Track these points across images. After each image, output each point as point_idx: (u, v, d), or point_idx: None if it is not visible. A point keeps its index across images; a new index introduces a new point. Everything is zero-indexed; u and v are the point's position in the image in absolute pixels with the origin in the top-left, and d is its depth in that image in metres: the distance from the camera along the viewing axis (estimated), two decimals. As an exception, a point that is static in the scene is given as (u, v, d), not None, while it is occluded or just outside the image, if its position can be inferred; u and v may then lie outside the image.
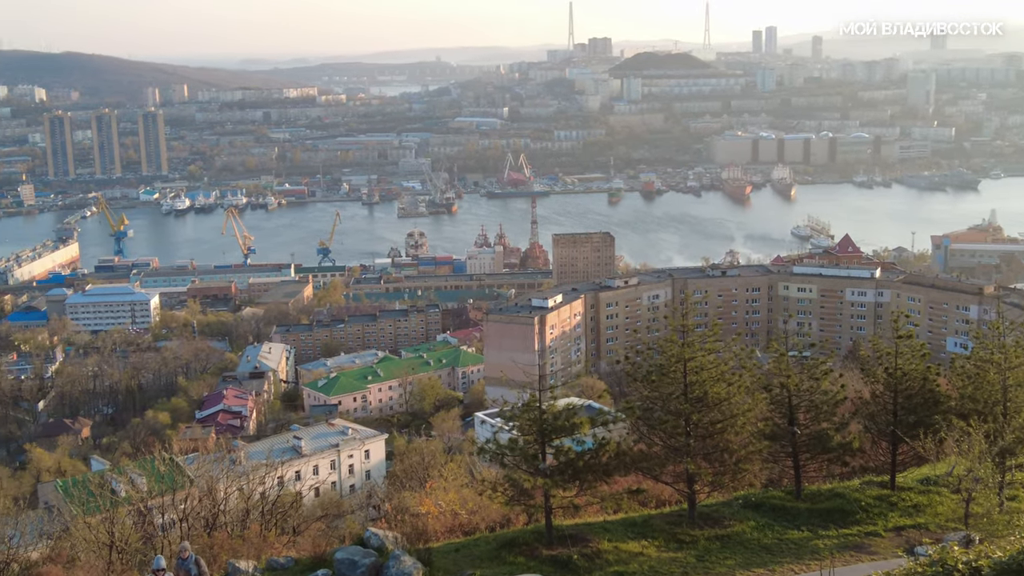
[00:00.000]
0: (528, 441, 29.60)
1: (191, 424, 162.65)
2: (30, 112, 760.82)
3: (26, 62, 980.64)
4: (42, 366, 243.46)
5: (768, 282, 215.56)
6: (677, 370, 31.48)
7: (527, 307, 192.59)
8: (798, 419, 34.52)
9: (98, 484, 46.69)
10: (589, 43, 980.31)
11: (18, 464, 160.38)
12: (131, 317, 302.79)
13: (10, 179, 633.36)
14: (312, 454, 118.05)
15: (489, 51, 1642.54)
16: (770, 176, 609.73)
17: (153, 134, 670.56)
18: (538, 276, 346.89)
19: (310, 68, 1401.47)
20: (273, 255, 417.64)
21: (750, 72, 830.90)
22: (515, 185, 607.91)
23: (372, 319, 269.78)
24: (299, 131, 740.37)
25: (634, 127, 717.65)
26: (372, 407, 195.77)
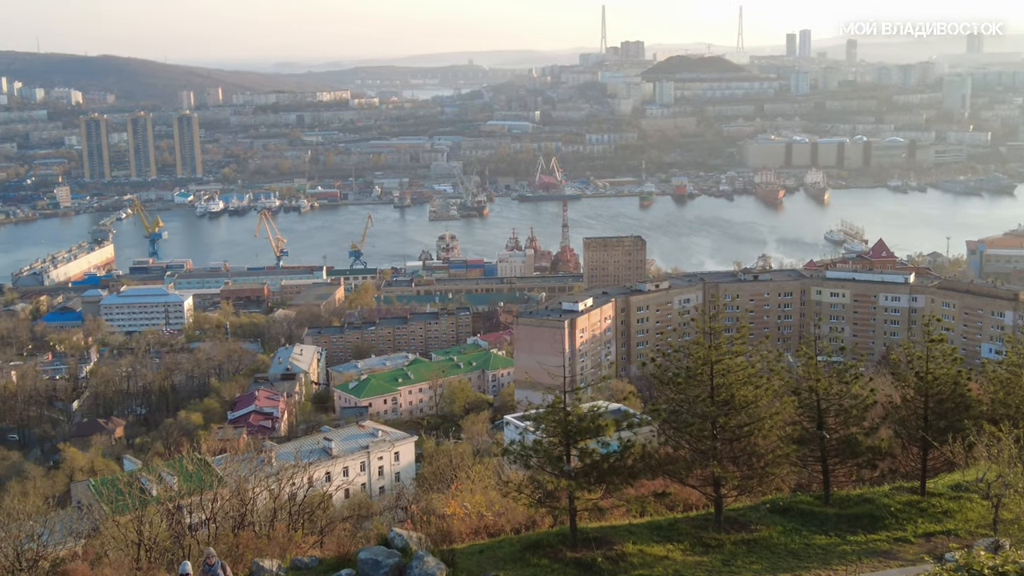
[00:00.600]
0: (553, 443, 29.56)
1: (223, 425, 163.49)
2: (67, 115, 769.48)
3: (63, 65, 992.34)
4: (77, 366, 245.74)
5: (801, 287, 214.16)
6: (704, 373, 31.31)
7: (557, 311, 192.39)
8: (827, 423, 34.27)
9: (127, 483, 47.03)
10: (622, 46, 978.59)
11: (52, 463, 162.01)
12: (165, 318, 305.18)
13: (47, 181, 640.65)
14: (342, 455, 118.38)
15: (522, 54, 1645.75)
16: (803, 180, 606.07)
17: (188, 137, 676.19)
18: (569, 280, 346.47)
19: (343, 72, 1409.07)
20: (305, 257, 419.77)
21: (784, 75, 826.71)
22: (546, 188, 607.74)
23: (403, 322, 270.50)
24: (332, 134, 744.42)
25: (666, 131, 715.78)
26: (402, 409, 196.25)
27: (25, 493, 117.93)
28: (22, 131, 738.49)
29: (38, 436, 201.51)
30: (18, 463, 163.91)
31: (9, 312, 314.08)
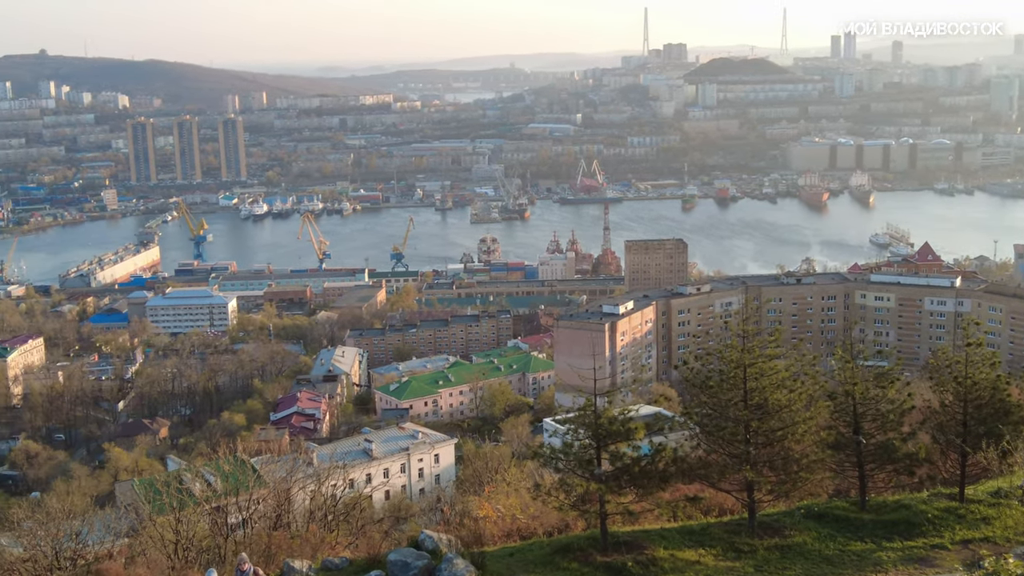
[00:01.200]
0: (583, 446, 29.48)
1: (266, 426, 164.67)
2: (114, 119, 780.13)
3: (110, 70, 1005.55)
4: (122, 367, 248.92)
5: (844, 290, 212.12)
6: (737, 376, 31.06)
7: (598, 313, 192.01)
8: (863, 428, 33.86)
9: (164, 483, 47.55)
10: (664, 49, 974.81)
11: (97, 463, 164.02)
12: (209, 320, 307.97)
13: (94, 184, 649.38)
14: (383, 457, 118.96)
15: (563, 57, 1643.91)
16: (848, 183, 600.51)
17: (232, 140, 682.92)
18: (610, 282, 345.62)
19: (386, 75, 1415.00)
20: (348, 260, 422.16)
21: (828, 77, 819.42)
22: (588, 191, 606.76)
23: (444, 324, 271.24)
24: (374, 137, 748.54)
25: (709, 133, 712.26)
26: (443, 411, 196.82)
27: (69, 492, 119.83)
28: (70, 135, 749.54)
29: (84, 436, 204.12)
30: (64, 463, 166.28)
31: (56, 313, 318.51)
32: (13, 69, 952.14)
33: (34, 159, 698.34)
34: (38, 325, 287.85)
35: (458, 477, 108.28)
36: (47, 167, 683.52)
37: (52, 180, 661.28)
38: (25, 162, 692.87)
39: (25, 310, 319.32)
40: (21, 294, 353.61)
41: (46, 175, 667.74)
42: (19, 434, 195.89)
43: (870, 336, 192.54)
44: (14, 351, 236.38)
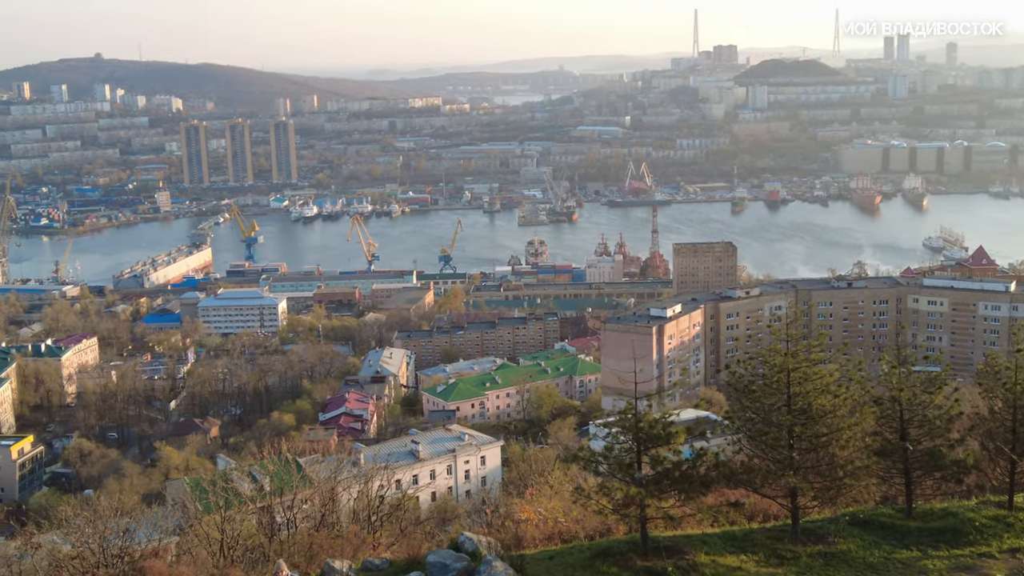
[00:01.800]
0: (624, 449, 29.32)
1: (314, 426, 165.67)
2: (167, 121, 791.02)
3: (164, 73, 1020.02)
4: (174, 367, 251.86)
5: (897, 294, 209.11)
6: (780, 381, 30.75)
7: (645, 316, 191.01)
8: (910, 435, 33.36)
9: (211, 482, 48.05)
10: (714, 51, 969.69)
11: (149, 461, 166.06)
12: (260, 321, 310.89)
13: (148, 186, 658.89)
14: (429, 459, 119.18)
15: (612, 60, 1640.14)
16: (901, 186, 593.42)
17: (284, 143, 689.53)
18: (658, 285, 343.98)
19: (435, 78, 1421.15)
20: (396, 262, 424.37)
21: (881, 79, 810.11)
22: (636, 194, 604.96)
23: (491, 326, 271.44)
24: (423, 140, 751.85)
25: (759, 135, 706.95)
26: (490, 413, 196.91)
27: (121, 490, 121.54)
28: (124, 137, 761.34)
29: (136, 435, 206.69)
30: (116, 461, 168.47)
31: (110, 313, 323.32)
32: (69, 72, 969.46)
33: (89, 161, 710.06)
34: (92, 325, 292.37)
35: (504, 479, 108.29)
36: (102, 169, 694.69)
37: (107, 182, 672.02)
38: (81, 164, 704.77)
39: (80, 310, 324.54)
40: (76, 294, 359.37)
41: (101, 177, 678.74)
42: (73, 432, 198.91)
43: (922, 341, 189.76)
44: (69, 350, 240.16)
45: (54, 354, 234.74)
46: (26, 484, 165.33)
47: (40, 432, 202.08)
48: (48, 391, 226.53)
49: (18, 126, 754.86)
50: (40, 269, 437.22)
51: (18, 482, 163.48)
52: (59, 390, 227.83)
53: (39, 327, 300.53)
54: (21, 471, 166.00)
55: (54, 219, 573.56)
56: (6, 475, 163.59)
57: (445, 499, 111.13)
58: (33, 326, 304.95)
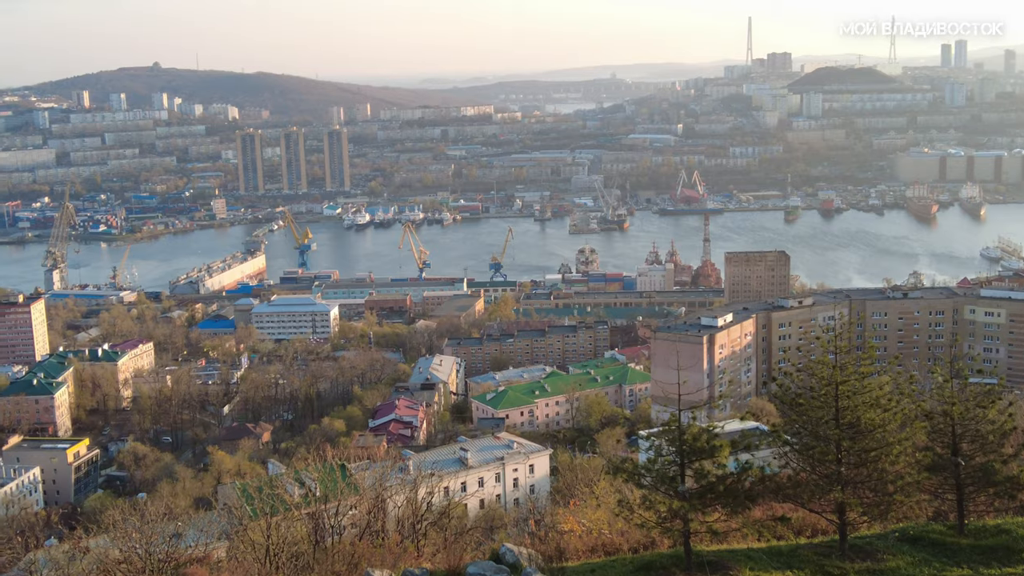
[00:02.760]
0: (667, 462, 28.94)
1: (364, 432, 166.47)
2: (223, 130, 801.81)
3: (221, 82, 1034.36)
4: (228, 372, 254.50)
5: (953, 305, 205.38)
6: (828, 394, 30.19)
7: (696, 325, 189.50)
8: (962, 450, 32.63)
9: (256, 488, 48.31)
10: (768, 58, 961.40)
11: (202, 466, 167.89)
12: (312, 327, 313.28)
13: (204, 193, 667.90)
14: (478, 466, 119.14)
15: (665, 67, 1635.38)
16: (958, 195, 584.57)
17: (337, 151, 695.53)
18: (709, 294, 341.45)
19: (487, 86, 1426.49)
20: (447, 269, 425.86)
21: (938, 87, 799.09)
22: (688, 202, 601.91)
23: (541, 334, 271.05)
24: (475, 148, 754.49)
25: (813, 143, 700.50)
26: (539, 422, 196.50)
27: (174, 494, 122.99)
28: (181, 145, 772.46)
29: (190, 439, 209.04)
30: (170, 465, 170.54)
31: (166, 319, 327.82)
32: (128, 81, 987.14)
33: (147, 169, 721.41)
34: (148, 330, 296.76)
35: (552, 488, 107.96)
36: (159, 177, 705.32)
37: (164, 189, 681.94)
38: (139, 172, 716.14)
39: (136, 315, 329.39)
40: (133, 300, 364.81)
41: (158, 184, 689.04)
42: (128, 436, 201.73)
43: (979, 352, 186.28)
44: (125, 355, 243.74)
45: (111, 359, 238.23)
46: (81, 487, 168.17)
47: (96, 435, 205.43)
48: (104, 395, 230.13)
49: (78, 134, 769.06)
50: (98, 275, 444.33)
51: (73, 485, 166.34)
52: (115, 394, 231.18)
53: (96, 332, 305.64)
54: (77, 474, 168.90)
55: (112, 226, 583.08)
56: (62, 478, 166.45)
57: (493, 507, 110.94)
58: (90, 331, 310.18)
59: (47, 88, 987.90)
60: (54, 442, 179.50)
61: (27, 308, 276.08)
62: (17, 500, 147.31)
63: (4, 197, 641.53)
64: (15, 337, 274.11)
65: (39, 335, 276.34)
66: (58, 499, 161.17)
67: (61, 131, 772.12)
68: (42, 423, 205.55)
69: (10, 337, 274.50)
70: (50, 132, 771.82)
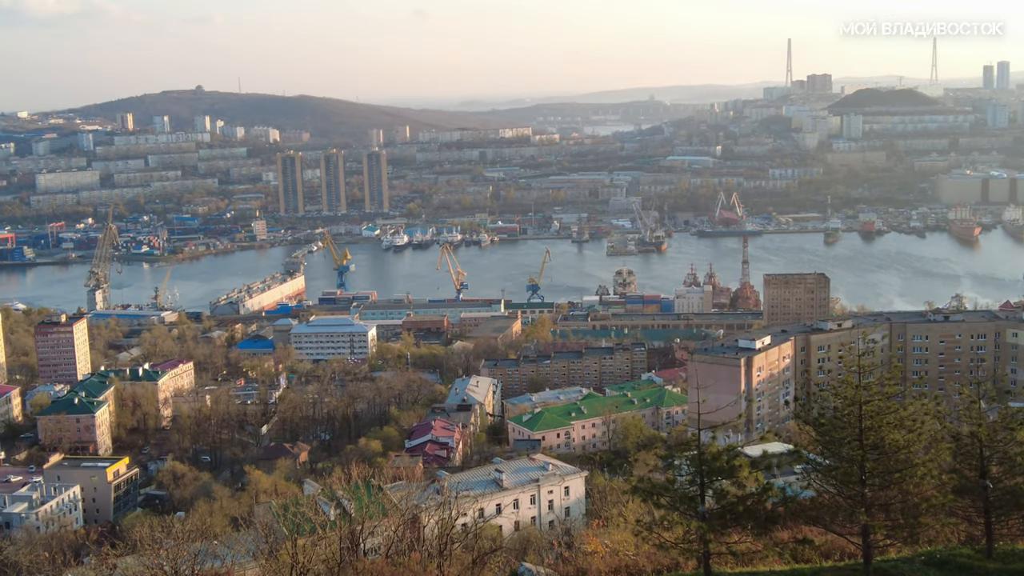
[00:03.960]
0: (687, 481, 28.80)
1: (400, 453, 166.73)
2: (264, 152, 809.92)
3: (262, 105, 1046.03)
4: (267, 392, 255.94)
5: (995, 328, 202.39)
6: (852, 414, 29.97)
7: (733, 348, 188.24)
8: (990, 472, 32.24)
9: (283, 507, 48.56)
10: (808, 80, 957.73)
11: (240, 485, 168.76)
12: (350, 348, 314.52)
13: (244, 215, 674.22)
14: (512, 488, 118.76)
15: (704, 89, 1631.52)
16: (1001, 217, 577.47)
17: (376, 173, 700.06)
18: (748, 317, 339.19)
19: (526, 109, 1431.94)
20: (484, 291, 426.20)
21: (980, 108, 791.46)
22: (727, 224, 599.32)
23: (578, 356, 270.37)
24: (513, 170, 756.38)
25: (854, 165, 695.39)
26: (575, 444, 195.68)
27: (211, 513, 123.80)
28: (223, 167, 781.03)
29: (228, 458, 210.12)
30: (208, 484, 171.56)
31: (206, 339, 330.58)
32: (172, 104, 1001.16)
33: (189, 190, 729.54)
34: (189, 350, 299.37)
35: (588, 510, 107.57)
36: (201, 198, 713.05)
37: (206, 211, 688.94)
38: (181, 193, 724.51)
39: (177, 335, 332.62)
40: (174, 320, 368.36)
41: (200, 206, 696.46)
42: (167, 455, 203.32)
43: (1022, 377, 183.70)
44: (165, 375, 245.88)
45: (151, 378, 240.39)
46: (121, 505, 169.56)
47: (136, 454, 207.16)
48: (144, 414, 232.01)
49: (121, 156, 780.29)
50: (140, 295, 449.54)
51: (113, 503, 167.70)
52: (155, 413, 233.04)
53: (137, 351, 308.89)
54: (116, 492, 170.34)
55: (154, 247, 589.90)
56: (101, 496, 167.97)
57: (528, 529, 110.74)
58: (132, 350, 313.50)
59: (92, 111, 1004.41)
60: (94, 460, 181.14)
61: (70, 328, 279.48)
62: (57, 518, 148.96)
63: (49, 218, 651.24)
64: (57, 356, 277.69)
65: (81, 354, 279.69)
66: (98, 517, 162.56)
67: (105, 153, 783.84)
68: (83, 441, 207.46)
69: (53, 356, 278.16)
70: (94, 154, 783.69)
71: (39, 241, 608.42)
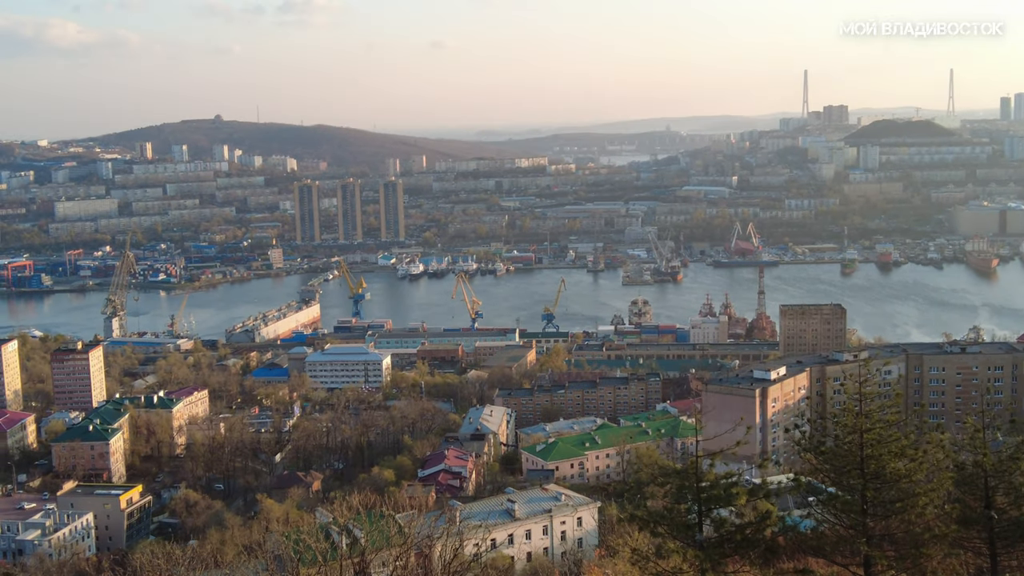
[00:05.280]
0: (681, 510, 28.54)
1: (413, 482, 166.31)
2: (282, 181, 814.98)
3: (280, 134, 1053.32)
4: (281, 420, 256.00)
5: (1013, 360, 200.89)
6: (853, 442, 29.74)
7: (748, 378, 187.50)
8: (995, 503, 31.87)
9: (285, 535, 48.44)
10: (824, 111, 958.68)
11: (252, 514, 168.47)
12: (364, 376, 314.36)
13: (261, 243, 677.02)
14: (525, 518, 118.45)
15: (720, 120, 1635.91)
16: (1019, 249, 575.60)
17: (393, 202, 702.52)
18: (764, 348, 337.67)
19: (542, 139, 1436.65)
20: (499, 320, 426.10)
21: (997, 140, 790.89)
22: (742, 254, 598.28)
23: (592, 386, 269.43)
24: (529, 199, 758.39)
25: (870, 196, 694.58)
26: (589, 474, 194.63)
27: (223, 541, 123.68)
28: (240, 196, 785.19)
29: (242, 486, 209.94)
30: (220, 512, 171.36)
31: (222, 367, 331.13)
32: (191, 133, 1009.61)
33: (207, 219, 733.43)
34: (204, 378, 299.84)
35: (600, 541, 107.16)
36: (219, 227, 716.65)
37: (223, 239, 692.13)
38: (199, 222, 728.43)
39: (192, 363, 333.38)
40: (189, 348, 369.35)
41: (217, 234, 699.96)
42: (180, 483, 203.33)
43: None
44: (180, 402, 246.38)
45: (166, 406, 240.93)
46: (134, 533, 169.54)
47: (149, 482, 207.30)
48: (159, 442, 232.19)
49: (140, 184, 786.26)
50: (156, 323, 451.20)
51: (125, 531, 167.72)
52: (169, 441, 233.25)
53: (153, 379, 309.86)
54: (129, 520, 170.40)
55: (171, 275, 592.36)
56: (114, 524, 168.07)
57: (540, 560, 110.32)
58: (147, 378, 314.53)
59: (111, 139, 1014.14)
60: (107, 488, 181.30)
61: (85, 355, 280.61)
62: (69, 546, 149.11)
63: (67, 246, 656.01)
64: (73, 383, 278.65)
65: (96, 382, 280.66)
66: (110, 545, 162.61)
67: (124, 181, 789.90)
68: (97, 469, 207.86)
69: (68, 383, 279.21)
70: (113, 182, 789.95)
71: (57, 268, 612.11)
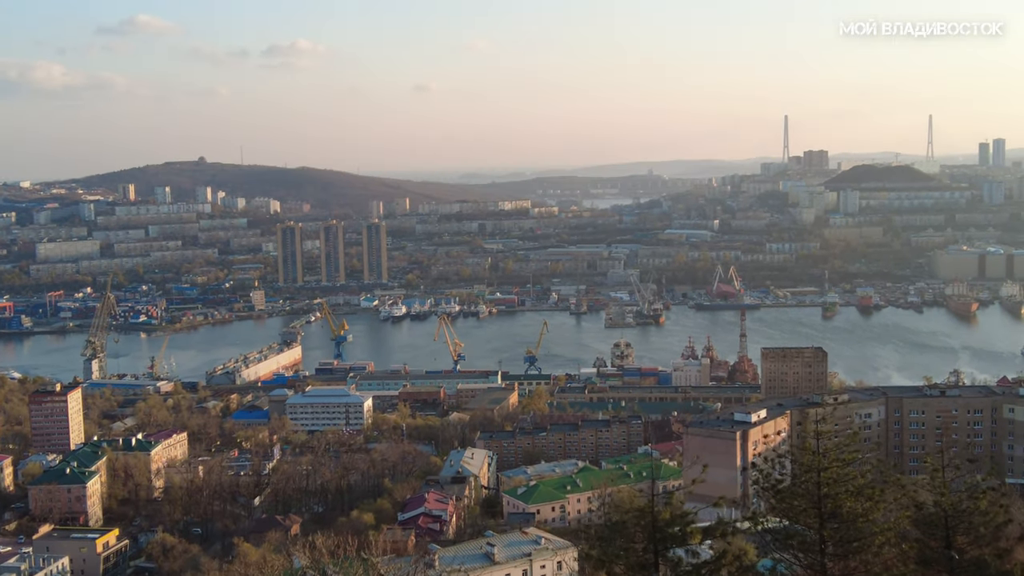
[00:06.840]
0: (634, 549, 28.60)
1: (393, 526, 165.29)
2: (265, 223, 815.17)
3: (263, 176, 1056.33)
4: (260, 463, 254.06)
5: (992, 404, 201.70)
6: (810, 480, 30.00)
7: (729, 421, 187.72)
8: (955, 542, 32.08)
9: None
10: (804, 155, 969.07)
11: (229, 558, 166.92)
12: (345, 418, 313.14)
13: (243, 285, 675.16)
14: (504, 562, 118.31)
15: (702, 164, 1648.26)
16: (998, 293, 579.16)
17: (376, 244, 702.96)
18: (746, 390, 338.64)
19: (526, 182, 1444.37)
20: (481, 362, 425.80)
21: (976, 185, 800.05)
22: (724, 297, 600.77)
23: (574, 428, 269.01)
24: (512, 242, 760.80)
25: (850, 240, 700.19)
26: (570, 517, 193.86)
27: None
28: (223, 238, 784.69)
29: (219, 530, 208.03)
30: (196, 557, 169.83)
31: (201, 409, 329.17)
32: (174, 175, 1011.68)
33: (189, 261, 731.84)
34: (183, 420, 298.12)
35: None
36: (201, 268, 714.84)
37: (205, 281, 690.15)
38: (180, 263, 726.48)
39: (172, 405, 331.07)
40: (169, 390, 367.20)
41: (199, 276, 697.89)
42: (158, 527, 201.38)
43: (1019, 453, 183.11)
44: (158, 445, 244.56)
45: (144, 448, 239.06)
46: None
47: (126, 526, 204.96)
48: (136, 485, 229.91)
49: (122, 226, 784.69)
50: (136, 365, 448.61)
51: (102, 575, 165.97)
52: (147, 484, 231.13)
53: (132, 421, 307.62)
54: (105, 564, 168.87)
55: (152, 316, 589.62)
56: (90, 568, 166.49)
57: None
58: (126, 420, 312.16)
59: (94, 181, 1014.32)
60: (84, 532, 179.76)
61: (64, 397, 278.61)
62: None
63: (48, 287, 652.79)
64: (51, 425, 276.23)
65: (75, 424, 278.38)
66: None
67: (106, 223, 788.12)
68: (74, 512, 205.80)
69: (46, 425, 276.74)
70: (95, 224, 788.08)
71: (37, 310, 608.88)
